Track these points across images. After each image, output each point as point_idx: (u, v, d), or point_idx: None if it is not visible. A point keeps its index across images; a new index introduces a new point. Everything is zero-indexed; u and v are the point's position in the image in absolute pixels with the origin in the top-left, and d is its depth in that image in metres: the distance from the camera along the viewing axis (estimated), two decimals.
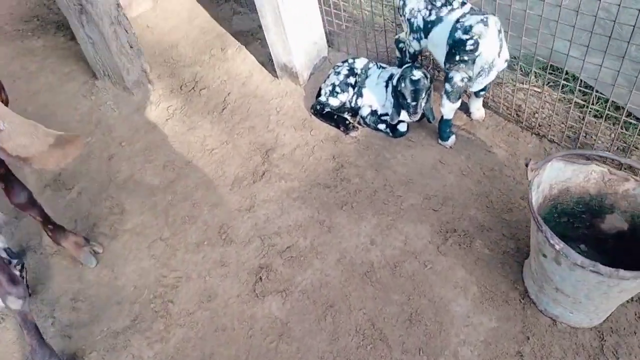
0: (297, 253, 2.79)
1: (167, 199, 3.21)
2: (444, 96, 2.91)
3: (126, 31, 3.58)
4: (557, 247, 2.03)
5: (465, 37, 2.62)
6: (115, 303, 2.80)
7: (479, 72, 2.72)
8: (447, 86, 2.86)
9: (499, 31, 2.62)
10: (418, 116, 2.99)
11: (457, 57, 2.68)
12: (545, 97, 3.11)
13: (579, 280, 2.08)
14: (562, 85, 2.88)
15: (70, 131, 3.74)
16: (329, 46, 3.80)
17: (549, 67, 2.86)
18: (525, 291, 2.48)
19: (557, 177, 2.37)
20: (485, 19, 2.58)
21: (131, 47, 3.64)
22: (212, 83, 3.89)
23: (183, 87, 3.91)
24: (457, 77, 2.79)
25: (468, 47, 2.62)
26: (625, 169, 2.67)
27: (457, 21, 2.68)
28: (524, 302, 2.45)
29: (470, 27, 2.60)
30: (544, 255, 2.16)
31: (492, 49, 2.62)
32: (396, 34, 3.45)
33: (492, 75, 2.77)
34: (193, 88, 3.89)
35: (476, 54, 2.63)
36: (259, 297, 2.65)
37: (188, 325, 2.62)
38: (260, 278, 2.72)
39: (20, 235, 3.19)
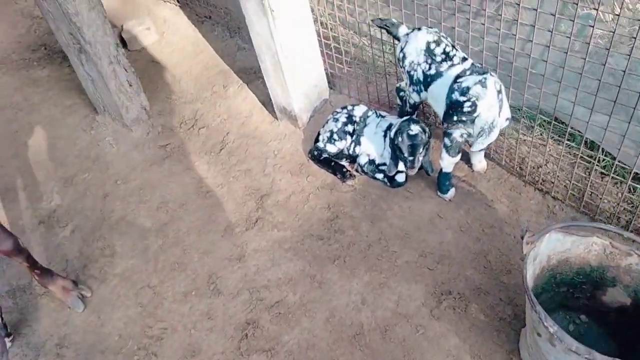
0: (286, 309, 2.70)
1: (158, 243, 3.16)
2: (444, 150, 2.83)
3: (125, 70, 3.56)
4: (551, 329, 1.92)
5: (462, 99, 2.53)
6: (100, 352, 2.74)
7: (480, 133, 2.63)
8: (447, 140, 2.77)
9: (499, 92, 2.53)
10: (415, 170, 2.91)
11: (455, 118, 2.59)
12: (549, 150, 3.01)
13: None
14: (567, 141, 2.78)
15: (68, 166, 3.74)
16: (330, 88, 3.73)
17: (552, 123, 2.76)
18: None
19: (555, 248, 2.26)
20: (483, 80, 2.49)
21: (130, 85, 3.62)
22: (211, 122, 3.84)
23: (182, 124, 3.88)
24: (457, 133, 2.70)
25: (466, 109, 2.53)
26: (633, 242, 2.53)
27: (456, 80, 2.59)
28: None
29: (468, 88, 2.51)
30: (539, 334, 2.05)
31: (491, 110, 2.53)
32: (397, 81, 3.39)
33: (493, 135, 2.67)
34: (192, 126, 3.85)
35: (474, 115, 2.54)
36: (244, 356, 2.57)
37: None
38: (246, 335, 2.64)
39: (10, 274, 3.16)
